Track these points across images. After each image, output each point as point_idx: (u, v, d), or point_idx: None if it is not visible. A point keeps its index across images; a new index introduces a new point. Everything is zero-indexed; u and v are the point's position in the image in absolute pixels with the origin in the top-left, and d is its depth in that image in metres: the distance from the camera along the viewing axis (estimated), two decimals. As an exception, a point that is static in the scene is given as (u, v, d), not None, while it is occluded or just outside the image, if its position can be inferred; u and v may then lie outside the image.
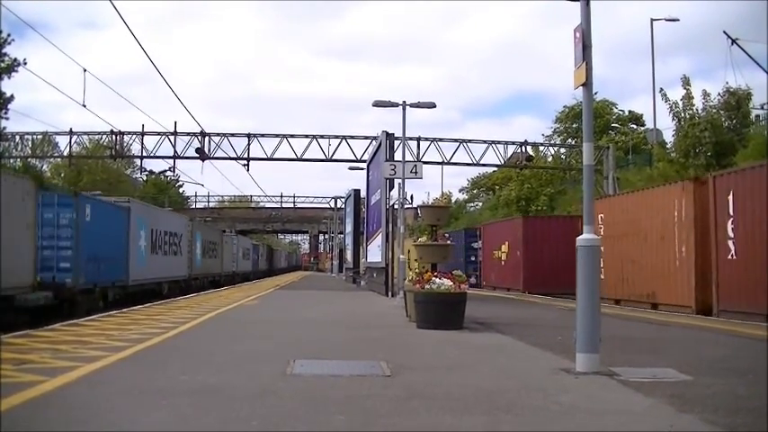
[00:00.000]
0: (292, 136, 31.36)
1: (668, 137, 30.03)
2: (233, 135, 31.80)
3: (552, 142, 41.15)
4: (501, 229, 29.50)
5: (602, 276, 17.51)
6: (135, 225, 21.95)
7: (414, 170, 19.19)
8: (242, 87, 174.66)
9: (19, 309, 13.72)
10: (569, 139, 41.96)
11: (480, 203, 61.07)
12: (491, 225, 32.64)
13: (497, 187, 52.06)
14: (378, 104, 19.72)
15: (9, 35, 24.27)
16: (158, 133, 30.84)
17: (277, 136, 31.46)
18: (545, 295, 22.09)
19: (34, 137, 33.83)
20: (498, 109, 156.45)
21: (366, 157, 29.48)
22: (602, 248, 17.29)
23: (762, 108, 26.31)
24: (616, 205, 19.69)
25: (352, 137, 31.23)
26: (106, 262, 19.17)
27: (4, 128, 27.81)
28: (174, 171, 37.28)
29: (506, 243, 27.74)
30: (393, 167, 19.28)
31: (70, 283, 16.51)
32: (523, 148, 32.71)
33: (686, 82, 25.08)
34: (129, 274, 21.24)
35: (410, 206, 29.71)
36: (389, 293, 20.12)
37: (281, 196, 71.91)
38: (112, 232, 19.89)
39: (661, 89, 26.88)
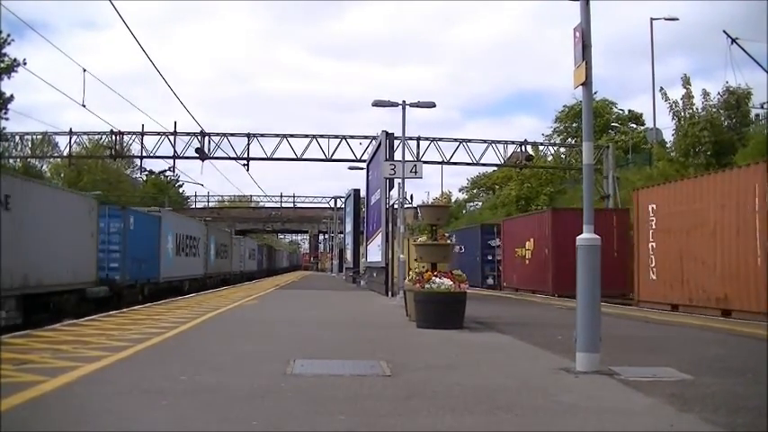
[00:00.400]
0: (292, 136, 31.38)
1: (668, 136, 30.13)
2: (233, 135, 31.82)
3: (552, 142, 41.18)
4: (525, 224, 26.80)
5: (654, 277, 16.92)
6: (164, 231, 25.55)
7: (413, 170, 19.18)
8: (241, 87, 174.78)
9: (87, 299, 17.43)
10: (569, 139, 41.99)
11: (480, 203, 61.10)
12: (513, 220, 30.03)
13: (497, 187, 52.10)
14: (377, 104, 19.72)
15: (9, 35, 24.34)
16: (158, 133, 30.86)
17: (277, 136, 31.48)
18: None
19: (34, 137, 33.89)
20: (498, 108, 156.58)
21: (366, 156, 29.49)
22: (652, 245, 17.02)
23: (762, 107, 26.35)
24: (673, 193, 16.71)
25: (352, 137, 31.24)
26: (144, 263, 22.82)
27: (4, 128, 27.93)
28: (173, 171, 37.35)
29: (531, 240, 25.15)
30: (393, 167, 19.28)
31: (119, 280, 20.26)
32: (523, 147, 32.72)
33: (686, 81, 25.11)
34: (160, 272, 24.82)
35: (410, 206, 29.68)
36: (389, 293, 20.12)
37: (281, 196, 72.10)
38: (148, 238, 23.45)
39: (661, 88, 26.97)
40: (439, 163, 31.94)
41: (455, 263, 30.51)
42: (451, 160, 31.49)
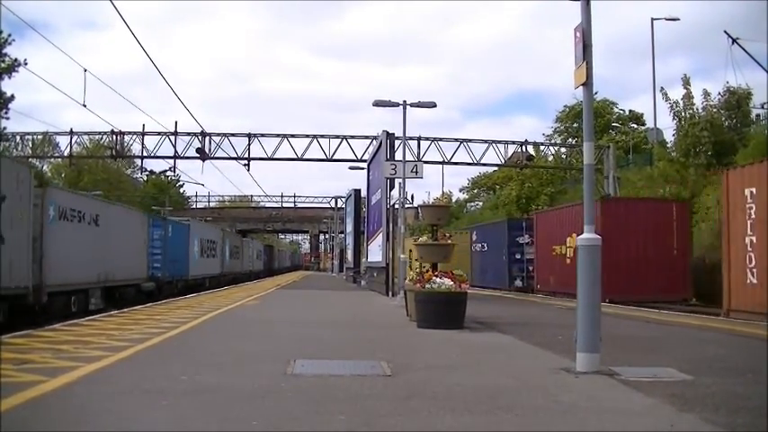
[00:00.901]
0: (293, 136, 31.38)
1: (668, 136, 30.15)
2: (233, 135, 31.81)
3: (553, 142, 41.16)
4: (565, 216, 22.77)
5: (754, 281, 13.37)
6: (192, 237, 30.72)
7: (414, 170, 19.19)
8: (242, 87, 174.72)
9: (141, 292, 22.16)
10: (570, 139, 41.97)
11: (481, 203, 61.12)
12: (549, 213, 26.11)
13: (498, 187, 52.08)
14: (378, 104, 19.73)
15: (10, 35, 24.31)
16: (159, 133, 30.86)
17: (277, 136, 31.47)
18: (634, 304, 17.00)
19: (35, 137, 33.89)
20: (498, 108, 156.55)
21: (366, 156, 29.49)
22: (751, 239, 13.41)
23: (762, 107, 26.36)
24: None
25: (353, 137, 31.23)
26: (177, 263, 27.75)
27: (5, 128, 27.92)
28: (174, 171, 37.27)
29: (574, 235, 20.27)
30: (393, 167, 19.30)
31: (161, 277, 25.07)
32: (524, 147, 32.71)
33: (686, 81, 25.14)
34: (189, 271, 29.93)
35: (411, 206, 29.68)
36: (390, 293, 20.13)
37: (282, 196, 72.06)
38: (180, 243, 28.53)
39: (662, 88, 27.02)
40: (440, 163, 31.92)
41: (476, 263, 30.41)
42: (452, 160, 31.46)
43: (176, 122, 30.75)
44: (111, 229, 19.10)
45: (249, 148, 31.19)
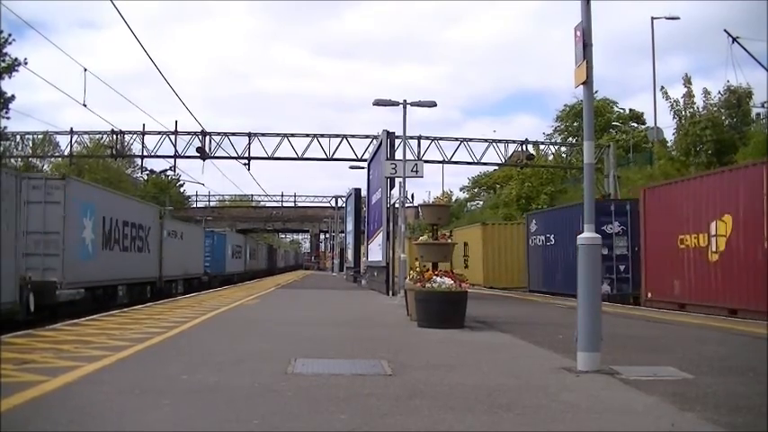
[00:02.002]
0: (293, 135, 31.31)
1: (669, 135, 30.08)
2: (234, 134, 31.75)
3: (553, 141, 41.12)
4: (707, 190, 15.50)
5: None
6: (227, 243, 41.44)
7: (414, 169, 19.20)
8: (241, 87, 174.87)
9: (201, 282, 31.67)
10: (570, 138, 41.94)
11: (481, 202, 61.11)
12: (673, 187, 17.64)
13: (498, 186, 52.05)
14: (378, 103, 19.71)
15: (10, 35, 24.28)
16: (159, 132, 30.79)
17: (278, 135, 31.41)
18: None
19: (35, 136, 33.88)
20: (498, 108, 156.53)
21: (367, 156, 29.45)
22: None
23: (762, 106, 26.32)
24: None
25: (353, 136, 31.17)
26: (218, 262, 38.07)
27: (5, 127, 27.87)
28: (174, 170, 37.21)
29: (724, 218, 14.67)
30: (394, 166, 19.29)
31: (210, 273, 35.33)
32: (524, 146, 32.67)
33: (687, 80, 25.10)
34: (225, 269, 40.03)
35: (411, 205, 29.62)
36: (390, 292, 20.12)
37: (282, 195, 72.13)
38: (221, 248, 39.49)
39: (662, 87, 26.99)
40: (440, 162, 31.82)
41: (537, 261, 26.05)
42: (452, 159, 31.39)
43: (176, 122, 30.68)
44: (188, 241, 30.15)
45: (249, 148, 31.13)
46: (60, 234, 15.71)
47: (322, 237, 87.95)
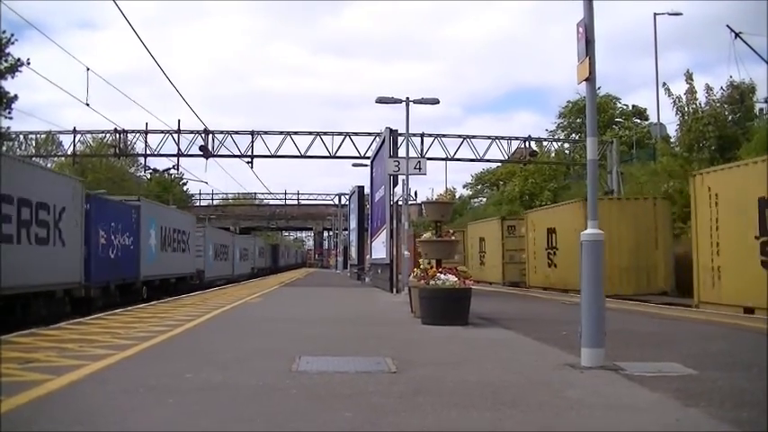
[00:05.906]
0: (296, 133, 31.36)
1: (672, 131, 30.04)
2: (237, 132, 31.84)
3: (556, 137, 41.07)
4: None
5: None
6: (237, 246, 45.24)
7: (417, 166, 19.17)
8: (243, 85, 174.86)
9: (231, 281, 36.74)
10: (573, 134, 41.88)
11: (484, 199, 61.06)
12: None
13: (501, 183, 52.01)
14: (381, 101, 19.70)
15: (12, 35, 24.24)
16: (162, 131, 30.91)
17: (281, 133, 31.47)
18: None
19: (38, 136, 33.89)
20: (498, 104, 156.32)
21: (370, 153, 29.45)
22: None
23: (765, 102, 26.26)
24: None
25: (356, 133, 31.22)
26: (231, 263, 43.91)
27: (8, 127, 27.87)
28: (177, 169, 37.35)
29: None
30: (397, 164, 19.27)
31: (236, 274, 41.85)
32: (527, 143, 32.65)
33: (689, 76, 25.05)
34: (234, 271, 42.65)
35: (414, 202, 29.62)
36: (394, 290, 20.12)
37: (285, 193, 72.32)
38: (237, 253, 44.84)
39: (664, 83, 26.89)
40: (443, 159, 31.84)
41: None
42: (455, 156, 31.41)
43: (179, 120, 30.94)
44: (231, 248, 41.18)
45: (252, 146, 31.23)
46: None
47: (325, 234, 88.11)
